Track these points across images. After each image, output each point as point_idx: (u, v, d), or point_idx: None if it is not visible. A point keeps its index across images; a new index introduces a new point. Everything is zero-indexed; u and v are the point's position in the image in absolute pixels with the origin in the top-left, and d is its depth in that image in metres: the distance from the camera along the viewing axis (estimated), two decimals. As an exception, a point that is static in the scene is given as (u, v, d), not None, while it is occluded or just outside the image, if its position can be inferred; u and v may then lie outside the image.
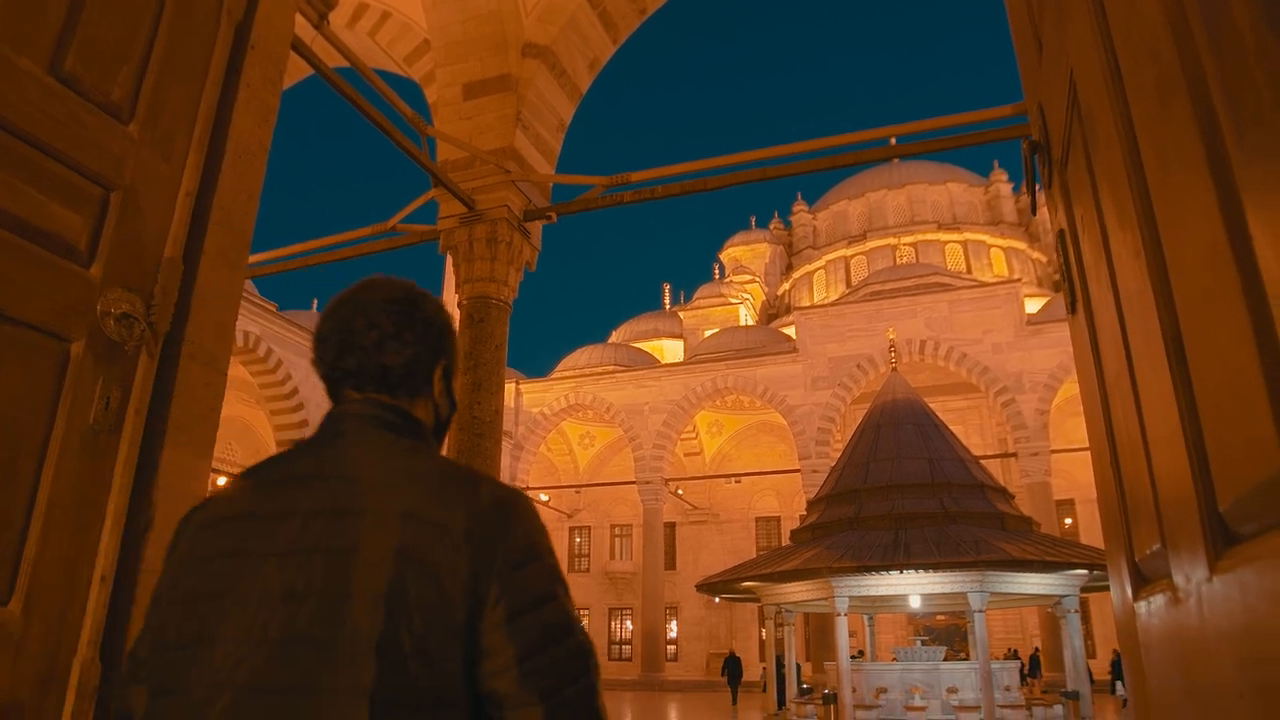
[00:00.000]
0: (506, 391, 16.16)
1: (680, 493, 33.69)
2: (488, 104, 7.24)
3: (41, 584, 1.66)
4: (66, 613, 1.72)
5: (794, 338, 32.53)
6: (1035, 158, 1.72)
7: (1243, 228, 0.58)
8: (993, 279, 38.04)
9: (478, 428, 6.39)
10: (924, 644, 19.07)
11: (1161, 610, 1.01)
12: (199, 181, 2.13)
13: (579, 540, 37.81)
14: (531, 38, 7.31)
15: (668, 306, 49.26)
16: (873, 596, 15.75)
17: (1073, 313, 1.54)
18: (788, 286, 48.67)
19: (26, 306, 1.68)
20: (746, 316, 45.84)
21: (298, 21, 3.26)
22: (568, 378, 35.38)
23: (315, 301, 34.10)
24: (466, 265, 6.91)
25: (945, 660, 17.00)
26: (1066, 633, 15.38)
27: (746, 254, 50.53)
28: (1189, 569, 0.84)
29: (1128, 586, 1.26)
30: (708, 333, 42.35)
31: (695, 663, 34.19)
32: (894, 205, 46.81)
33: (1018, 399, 26.79)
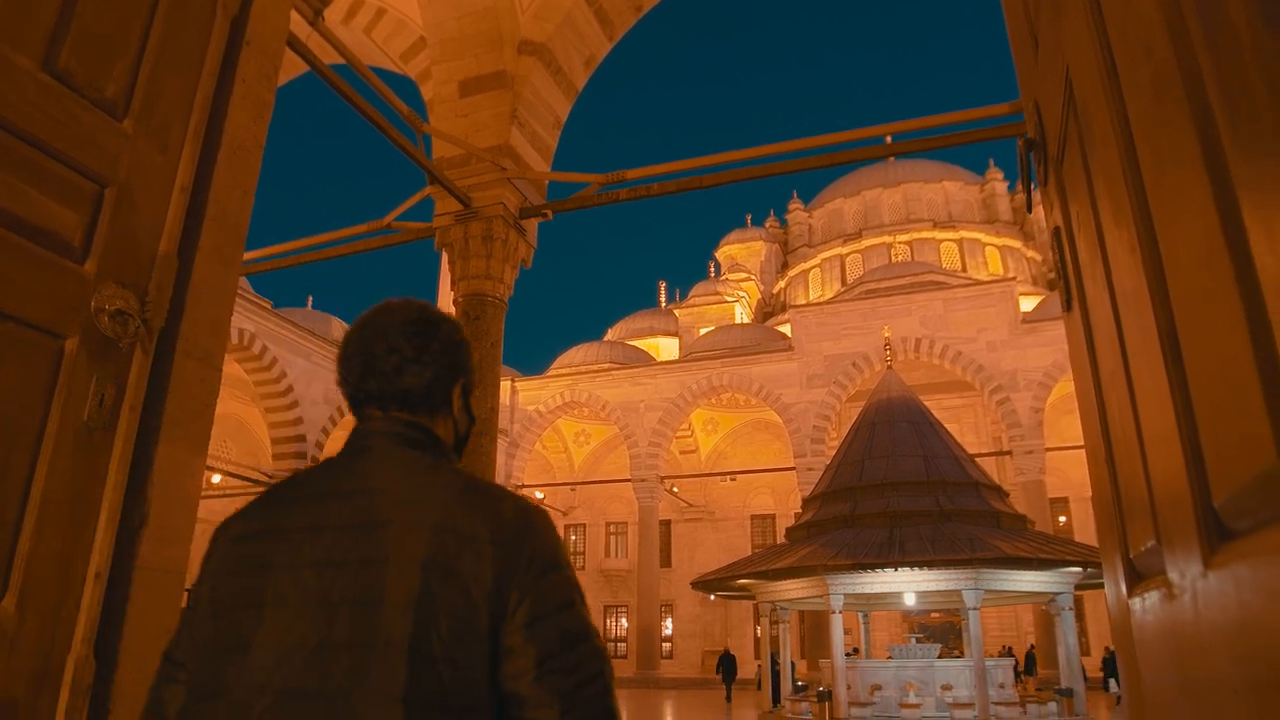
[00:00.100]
0: (502, 389, 16.14)
1: (675, 490, 33.70)
2: (483, 101, 7.23)
3: (35, 580, 1.66)
4: (61, 609, 1.72)
5: (789, 336, 32.54)
6: (1031, 155, 1.72)
7: (1238, 224, 0.58)
8: (988, 277, 38.11)
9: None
10: (919, 641, 19.15)
11: (1156, 606, 1.02)
12: (194, 177, 2.12)
13: (574, 538, 37.81)
14: (527, 35, 7.30)
15: (663, 304, 49.23)
16: (868, 594, 15.79)
17: (1068, 310, 1.54)
18: (783, 284, 48.70)
19: (19, 303, 1.67)
20: (742, 314, 45.83)
21: (293, 17, 3.25)
22: (563, 375, 35.34)
23: (310, 299, 33.82)
24: (462, 263, 6.91)
25: (940, 658, 17.05)
26: (1061, 630, 15.45)
27: (742, 252, 50.52)
28: (1183, 565, 0.84)
29: (1122, 583, 1.26)
30: (703, 331, 42.32)
31: (690, 660, 34.22)
32: (889, 203, 46.85)
33: (1012, 397, 26.86)
